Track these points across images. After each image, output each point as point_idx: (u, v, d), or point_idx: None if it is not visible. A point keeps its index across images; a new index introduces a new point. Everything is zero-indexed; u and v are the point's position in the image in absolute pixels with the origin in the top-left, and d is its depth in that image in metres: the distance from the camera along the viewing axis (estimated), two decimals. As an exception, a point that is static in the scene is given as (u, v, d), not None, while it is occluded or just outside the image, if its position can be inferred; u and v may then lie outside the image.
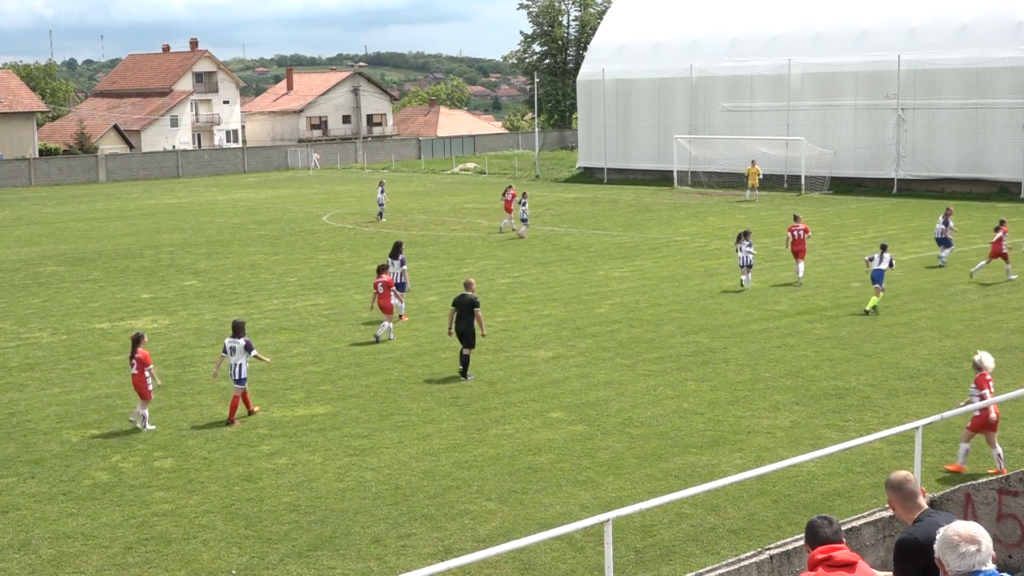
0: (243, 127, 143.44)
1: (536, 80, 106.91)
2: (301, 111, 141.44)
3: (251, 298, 35.62)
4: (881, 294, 30.74)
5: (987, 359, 17.76)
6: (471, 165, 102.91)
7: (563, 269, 40.34)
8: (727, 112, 74.34)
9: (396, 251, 33.45)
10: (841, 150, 68.69)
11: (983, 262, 35.78)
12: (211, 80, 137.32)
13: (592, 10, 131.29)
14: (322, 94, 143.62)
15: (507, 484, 17.77)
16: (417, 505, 16.97)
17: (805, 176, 68.06)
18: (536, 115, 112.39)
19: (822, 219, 50.97)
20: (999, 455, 17.47)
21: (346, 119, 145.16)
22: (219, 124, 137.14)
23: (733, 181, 70.33)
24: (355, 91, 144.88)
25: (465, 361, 24.67)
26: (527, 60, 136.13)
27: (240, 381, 21.81)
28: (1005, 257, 35.07)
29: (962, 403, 18.09)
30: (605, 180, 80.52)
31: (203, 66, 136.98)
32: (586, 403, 22.30)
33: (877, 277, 30.62)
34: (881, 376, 23.69)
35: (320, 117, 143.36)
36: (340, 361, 26.53)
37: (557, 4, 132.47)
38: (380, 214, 59.13)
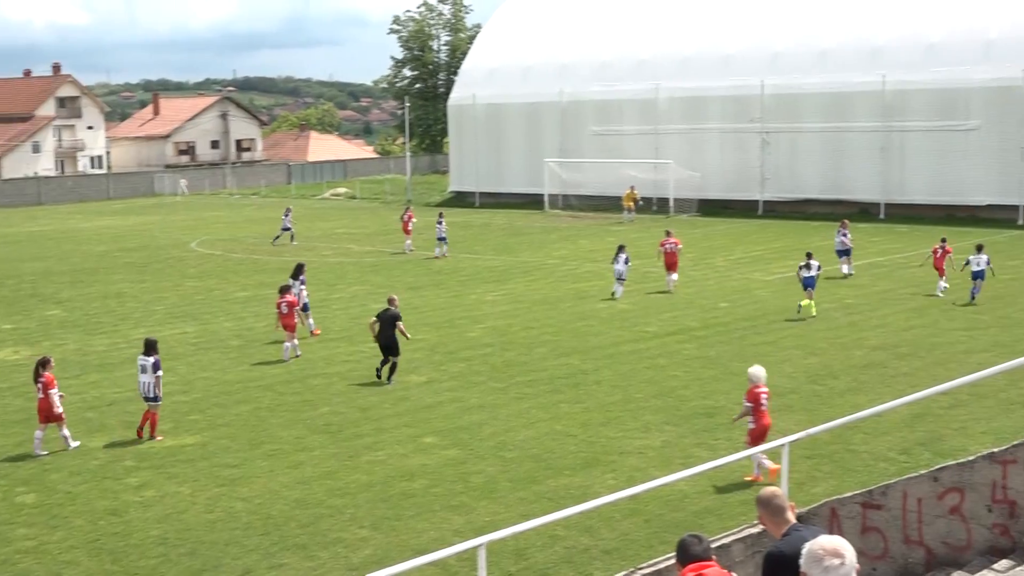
0: (108, 153, 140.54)
1: (407, 104, 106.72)
2: (168, 136, 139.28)
3: (117, 327, 34.90)
4: (814, 297, 33.92)
5: (759, 372, 18.72)
6: (342, 190, 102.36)
7: (435, 293, 40.31)
8: (597, 136, 75.11)
9: (298, 272, 33.61)
10: (708, 173, 69.88)
11: (942, 282, 36.50)
12: (75, 105, 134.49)
13: (463, 35, 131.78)
14: (190, 119, 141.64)
15: (380, 511, 17.66)
16: (289, 534, 16.77)
17: (674, 198, 69.06)
18: (407, 139, 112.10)
19: (691, 240, 51.68)
20: (759, 463, 18.29)
21: (215, 144, 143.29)
22: (83, 150, 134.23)
23: (604, 204, 71.09)
24: (223, 116, 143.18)
25: (392, 368, 26.33)
26: (398, 84, 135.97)
27: (153, 399, 22.24)
28: (941, 272, 36.67)
29: (737, 417, 19.29)
30: (477, 204, 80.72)
31: (66, 91, 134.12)
32: (459, 427, 22.28)
33: (809, 283, 33.95)
34: (749, 395, 24.06)
35: (188, 142, 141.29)
36: (209, 390, 26.13)
37: (427, 29, 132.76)
38: (291, 237, 59.49)
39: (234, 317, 35.98)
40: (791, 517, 8.45)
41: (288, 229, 59.80)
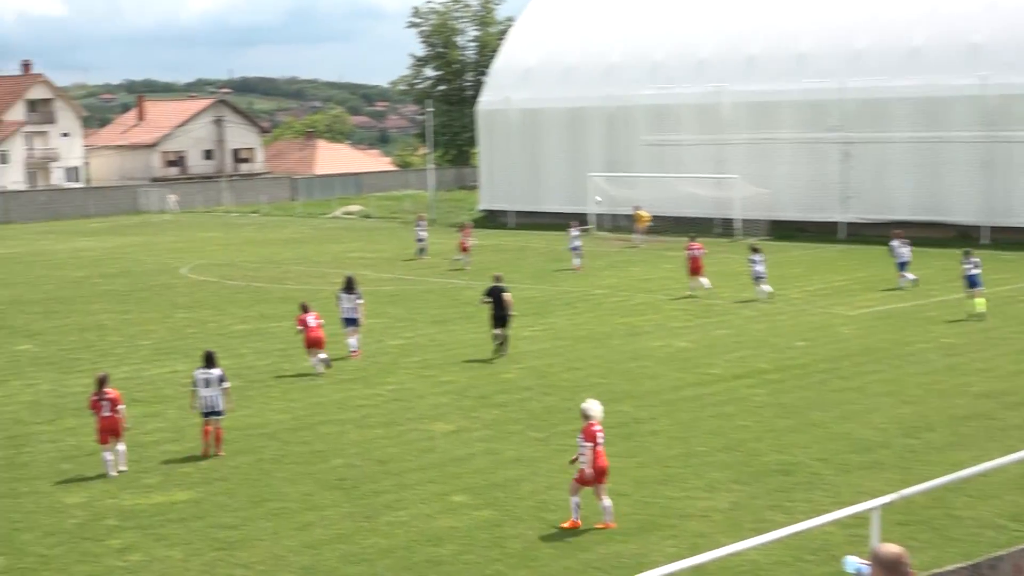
0: (86, 164, 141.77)
1: (429, 109, 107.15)
2: (155, 145, 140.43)
3: (97, 364, 35.04)
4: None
5: (594, 407, 20.21)
6: (355, 208, 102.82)
7: (464, 328, 40.32)
8: (650, 146, 75.16)
9: (351, 286, 35.48)
10: (780, 190, 69.75)
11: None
12: (47, 109, 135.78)
13: (493, 29, 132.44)
14: (179, 125, 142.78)
15: (403, 581, 17.63)
16: (297, 607, 16.75)
17: (740, 219, 68.92)
18: (430, 149, 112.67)
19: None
20: (607, 508, 19.57)
21: (208, 154, 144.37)
22: (57, 160, 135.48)
23: (659, 225, 71.04)
24: (218, 122, 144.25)
25: (504, 341, 34.15)
26: (419, 86, 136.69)
27: (219, 413, 24.76)
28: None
29: (574, 458, 20.18)
30: (511, 224, 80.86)
31: (38, 92, 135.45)
32: (493, 484, 22.23)
33: (974, 281, 38.81)
34: (831, 449, 23.95)
35: (177, 152, 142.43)
36: (201, 443, 26.16)
37: (452, 22, 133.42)
38: (422, 250, 62.97)
39: (232, 354, 36.07)
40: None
41: (422, 240, 63.41)
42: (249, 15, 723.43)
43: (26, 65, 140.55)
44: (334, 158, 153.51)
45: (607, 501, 19.66)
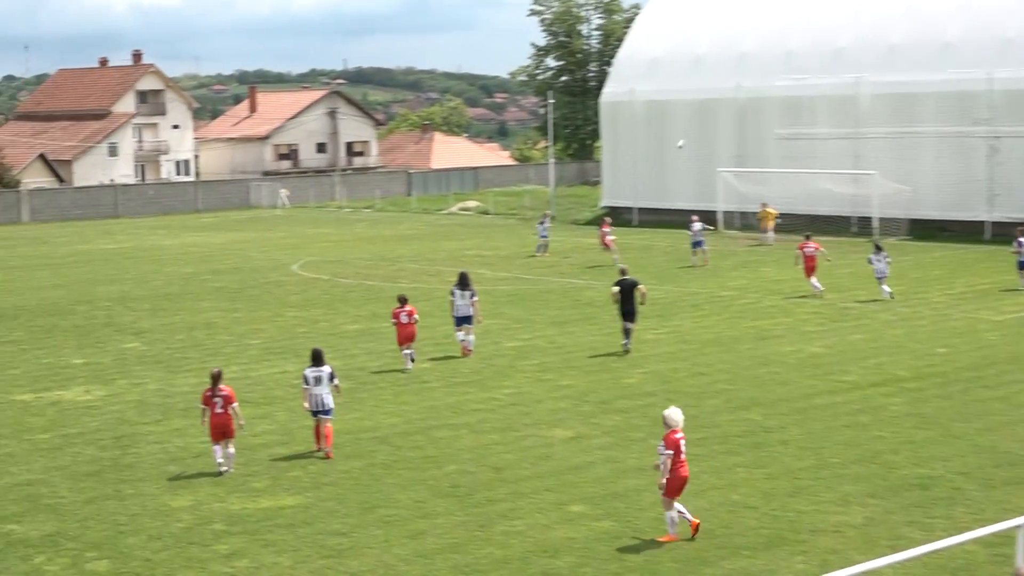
0: (196, 157, 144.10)
1: (551, 101, 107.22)
2: (267, 138, 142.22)
3: (205, 364, 35.56)
4: None
5: (676, 414, 20.25)
6: (472, 203, 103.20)
7: (584, 330, 40.32)
8: (782, 140, 74.57)
9: (465, 282, 36.20)
10: (921, 187, 68.76)
11: None
12: (158, 100, 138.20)
13: (618, 17, 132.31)
14: (292, 117, 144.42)
15: (517, 593, 17.68)
16: (407, 619, 16.87)
17: (878, 218, 68.09)
18: (550, 143, 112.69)
19: (899, 270, 50.90)
20: (673, 520, 19.66)
21: (321, 148, 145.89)
22: (167, 153, 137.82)
23: (791, 223, 70.40)
24: (332, 114, 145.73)
25: (628, 333, 35.52)
26: (540, 77, 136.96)
27: (328, 411, 25.53)
28: None
29: (660, 469, 19.92)
30: (635, 222, 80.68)
31: (148, 83, 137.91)
32: (613, 494, 22.21)
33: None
34: (974, 462, 23.59)
35: (289, 145, 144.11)
36: (313, 442, 26.46)
37: (575, 10, 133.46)
38: (542, 247, 64.44)
39: (343, 354, 36.42)
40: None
41: (545, 237, 64.51)
42: (365, 4, 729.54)
43: (137, 55, 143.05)
44: (451, 152, 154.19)
45: (673, 513, 19.76)
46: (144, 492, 23.17)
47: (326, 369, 25.75)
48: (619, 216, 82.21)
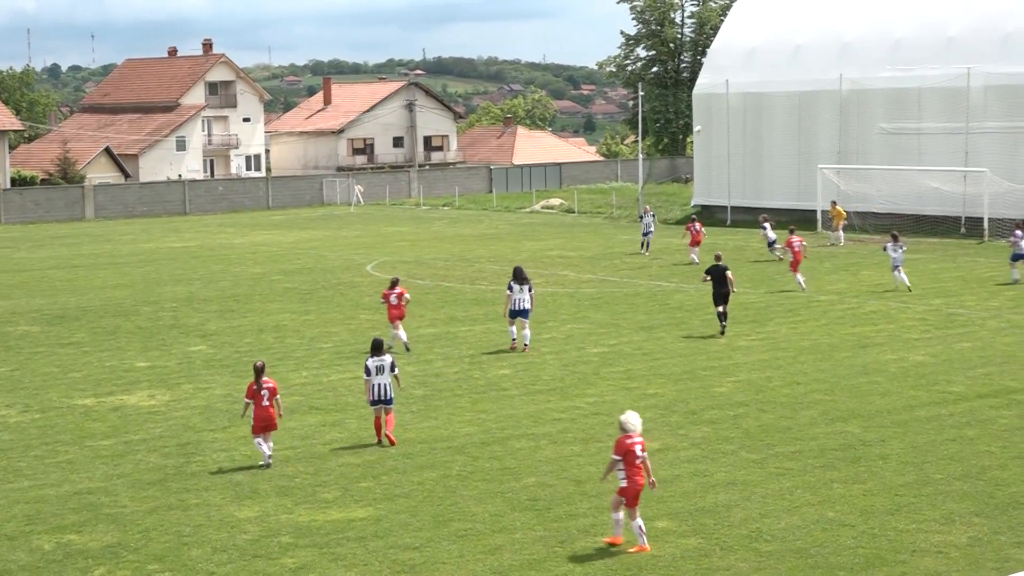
0: (267, 152, 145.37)
1: (641, 93, 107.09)
2: (341, 131, 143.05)
3: (274, 369, 35.86)
4: None
5: (632, 418, 20.80)
6: (556, 201, 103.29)
7: (673, 336, 40.26)
8: (887, 135, 74.10)
9: (522, 276, 38.37)
10: (1037, 185, 68.13)
11: None
12: (228, 92, 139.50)
13: (713, 4, 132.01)
14: (367, 110, 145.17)
15: (598, 613, 17.70)
16: (482, 638, 16.94)
17: (989, 218, 67.44)
18: (640, 138, 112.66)
19: (1010, 274, 50.38)
20: (640, 528, 20.13)
21: (398, 142, 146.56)
22: (237, 147, 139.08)
23: (896, 223, 69.83)
24: (409, 106, 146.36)
25: (724, 317, 39.86)
26: (629, 68, 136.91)
27: (389, 401, 27.04)
28: None
29: (604, 473, 21.18)
30: (728, 221, 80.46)
31: (219, 74, 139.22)
32: (702, 509, 22.18)
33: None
34: (1089, 480, 23.34)
35: (365, 139, 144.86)
36: (386, 451, 26.63)
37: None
38: (646, 244, 66.02)
39: (419, 359, 36.61)
40: None
41: (648, 234, 66.00)
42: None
43: (207, 45, 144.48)
44: (534, 147, 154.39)
45: (640, 521, 20.21)
46: (209, 502, 23.40)
47: (387, 359, 27.15)
48: (712, 215, 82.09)
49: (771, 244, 59.98)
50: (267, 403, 25.38)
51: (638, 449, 20.45)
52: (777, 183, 79.46)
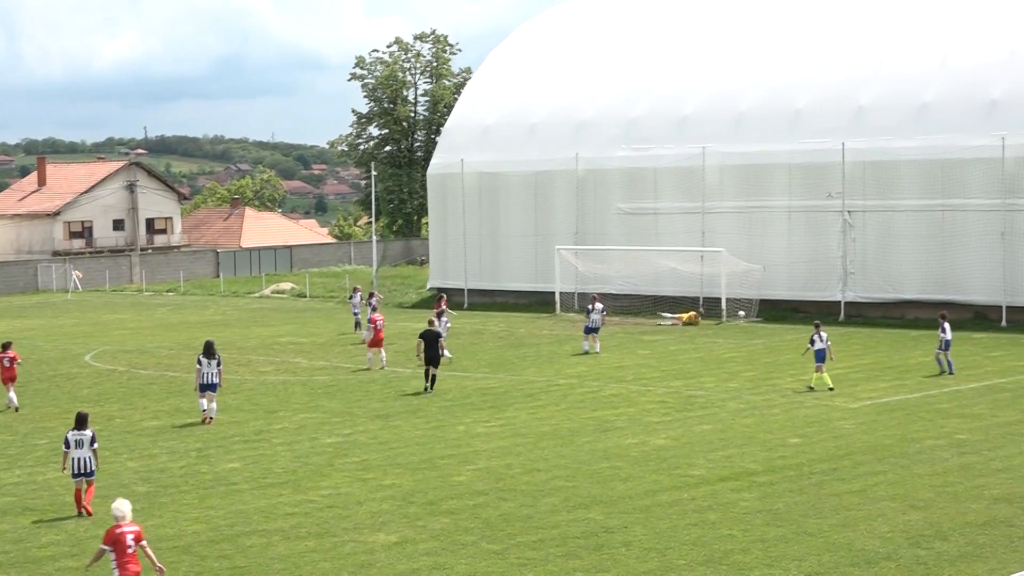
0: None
1: (374, 173, 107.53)
2: (57, 214, 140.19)
3: (-16, 467, 34.90)
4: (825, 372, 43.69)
5: (122, 505, 21.16)
6: (287, 286, 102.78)
7: (410, 424, 40.24)
8: (624, 215, 75.39)
9: (211, 351, 41.00)
10: (772, 265, 69.95)
11: None
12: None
13: (447, 82, 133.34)
14: (85, 191, 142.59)
15: None
16: None
17: (726, 299, 69.05)
18: (373, 219, 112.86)
19: (749, 354, 51.82)
20: None
21: (118, 224, 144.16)
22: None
23: (634, 305, 71.21)
24: (130, 187, 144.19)
25: (432, 379, 45.17)
26: (361, 147, 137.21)
27: (91, 474, 28.76)
28: None
29: (89, 562, 21.71)
30: (465, 305, 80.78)
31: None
32: (441, 604, 22.15)
33: (820, 357, 43.99)
34: (829, 561, 23.96)
35: (83, 222, 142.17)
36: (108, 556, 25.94)
37: (401, 74, 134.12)
38: (359, 324, 66.86)
39: (141, 454, 35.91)
40: None
41: (357, 314, 68.05)
42: (170, 64, 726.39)
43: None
44: (264, 228, 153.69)
45: None
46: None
47: (88, 433, 28.94)
48: (449, 299, 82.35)
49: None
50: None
51: (129, 539, 20.79)
52: (515, 264, 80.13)
